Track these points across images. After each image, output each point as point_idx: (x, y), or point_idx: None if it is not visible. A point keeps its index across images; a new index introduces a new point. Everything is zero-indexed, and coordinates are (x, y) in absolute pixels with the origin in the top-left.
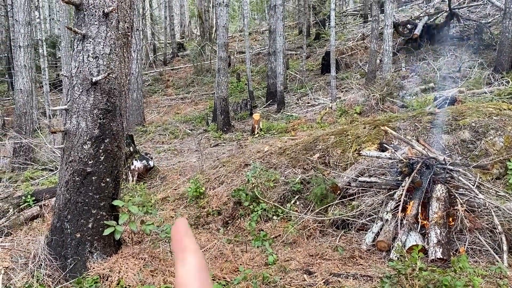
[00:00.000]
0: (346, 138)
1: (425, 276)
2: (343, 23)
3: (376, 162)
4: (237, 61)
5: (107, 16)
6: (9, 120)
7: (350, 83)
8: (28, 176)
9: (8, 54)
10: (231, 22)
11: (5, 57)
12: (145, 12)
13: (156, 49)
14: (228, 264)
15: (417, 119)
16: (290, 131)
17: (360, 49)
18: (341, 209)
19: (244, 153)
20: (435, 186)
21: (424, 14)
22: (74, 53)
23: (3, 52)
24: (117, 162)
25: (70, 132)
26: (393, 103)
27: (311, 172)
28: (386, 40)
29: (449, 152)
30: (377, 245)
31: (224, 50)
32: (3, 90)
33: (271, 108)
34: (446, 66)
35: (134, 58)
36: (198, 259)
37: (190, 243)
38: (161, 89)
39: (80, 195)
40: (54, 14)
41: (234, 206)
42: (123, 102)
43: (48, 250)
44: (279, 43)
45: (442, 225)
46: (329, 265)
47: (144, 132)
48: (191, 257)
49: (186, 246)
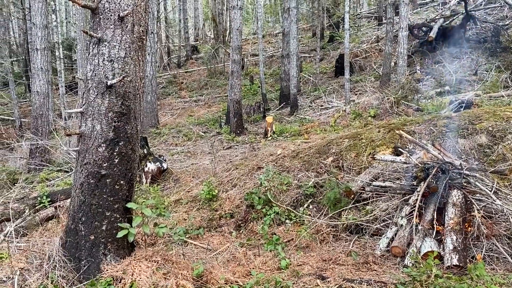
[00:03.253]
0: (360, 142)
1: (440, 283)
2: (357, 25)
3: (390, 166)
4: (251, 64)
5: (122, 20)
6: (26, 121)
7: (364, 86)
8: (44, 177)
9: (25, 56)
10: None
11: (22, 60)
12: (160, 15)
13: (170, 51)
14: (240, 268)
15: (433, 123)
16: (303, 134)
17: (374, 51)
18: (354, 213)
19: (257, 156)
20: (451, 192)
21: (439, 17)
22: (90, 57)
23: (21, 54)
24: (131, 165)
25: (85, 135)
26: (408, 107)
27: (324, 176)
28: (401, 42)
29: (465, 156)
30: (392, 251)
31: (237, 53)
32: (20, 92)
33: (284, 111)
34: (462, 69)
35: (148, 61)
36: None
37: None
38: (175, 91)
39: (95, 197)
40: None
41: (246, 209)
42: (138, 105)
43: (62, 252)
44: (292, 45)
45: (458, 231)
46: (343, 270)
47: (158, 134)
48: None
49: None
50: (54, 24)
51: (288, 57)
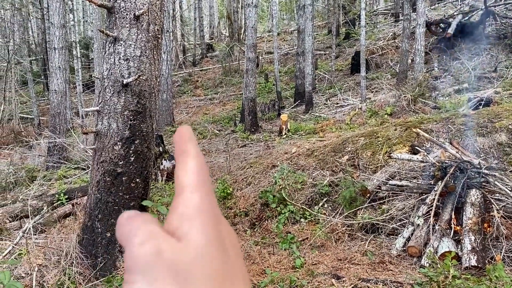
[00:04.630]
0: (376, 140)
1: (458, 284)
2: (373, 22)
3: (407, 165)
4: (265, 62)
5: (138, 18)
6: (44, 120)
7: (381, 83)
8: (62, 174)
9: (44, 55)
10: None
11: (41, 59)
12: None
13: (185, 50)
14: (255, 267)
15: (451, 121)
16: (319, 132)
17: (391, 48)
18: (370, 213)
19: (272, 154)
20: (469, 191)
21: (458, 13)
22: (106, 55)
23: (39, 54)
24: (147, 163)
25: (102, 133)
26: (425, 104)
27: (339, 174)
28: (418, 39)
29: (484, 155)
30: (408, 251)
31: (252, 51)
32: (39, 90)
33: (299, 108)
34: (481, 66)
35: (164, 59)
36: (199, 162)
37: (191, 148)
38: (190, 89)
39: (111, 195)
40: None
41: (261, 208)
42: (153, 104)
43: (79, 248)
44: (308, 43)
45: (476, 232)
46: (358, 270)
47: (174, 132)
48: (191, 161)
49: (187, 151)
50: (71, 23)
51: (303, 55)
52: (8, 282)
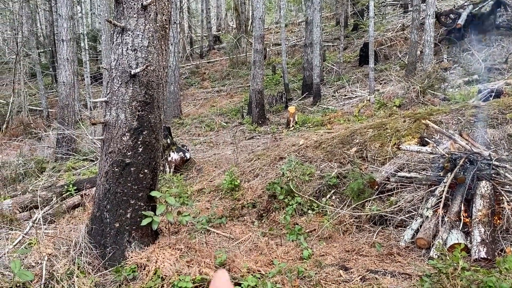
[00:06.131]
0: (384, 132)
1: (467, 276)
2: (382, 13)
3: (416, 157)
4: (273, 53)
5: (145, 8)
6: (53, 111)
7: (389, 75)
8: (70, 166)
9: (52, 48)
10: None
11: (49, 51)
12: (182, 5)
13: (192, 42)
14: (262, 257)
15: (460, 113)
16: (326, 124)
17: (399, 40)
18: (378, 204)
19: (279, 146)
20: (479, 183)
21: (468, 3)
22: (113, 46)
23: (48, 46)
24: (155, 154)
25: (110, 124)
26: (434, 96)
27: (347, 166)
28: (428, 30)
29: (494, 147)
30: (416, 243)
31: (260, 43)
32: (47, 83)
33: (307, 100)
34: (491, 57)
35: (171, 51)
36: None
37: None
38: (198, 82)
39: (119, 185)
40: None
41: (268, 199)
42: (161, 95)
43: (88, 239)
44: (316, 34)
45: (486, 224)
46: (366, 262)
47: (181, 125)
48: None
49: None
50: (79, 15)
51: (311, 46)
52: (18, 270)
